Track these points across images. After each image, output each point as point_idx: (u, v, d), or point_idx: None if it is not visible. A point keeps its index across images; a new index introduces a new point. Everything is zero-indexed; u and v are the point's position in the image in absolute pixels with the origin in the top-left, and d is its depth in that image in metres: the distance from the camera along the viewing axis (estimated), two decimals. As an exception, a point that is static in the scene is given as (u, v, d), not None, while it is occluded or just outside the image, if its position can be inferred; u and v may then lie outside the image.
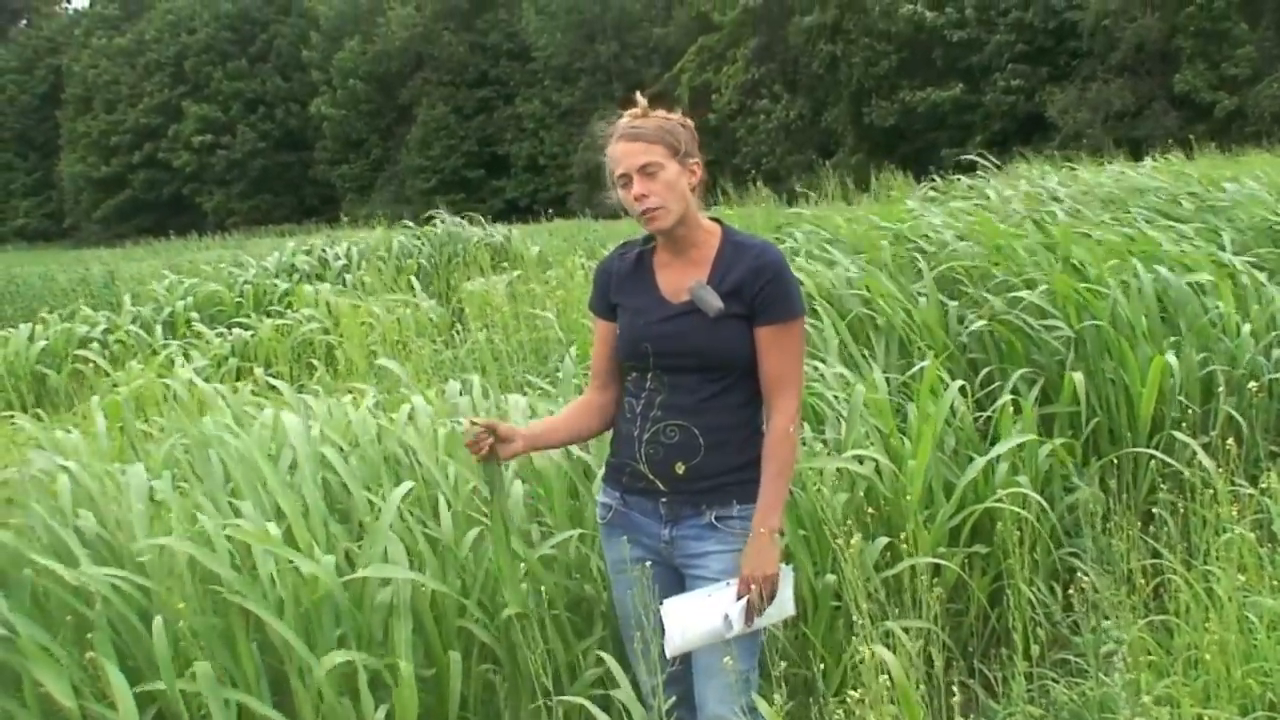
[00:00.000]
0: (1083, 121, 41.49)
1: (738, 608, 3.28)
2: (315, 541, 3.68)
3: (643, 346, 3.39)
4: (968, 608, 4.62)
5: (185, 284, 13.13)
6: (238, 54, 74.03)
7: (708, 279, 3.35)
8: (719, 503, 3.36)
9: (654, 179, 3.31)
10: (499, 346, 7.47)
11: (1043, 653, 4.02)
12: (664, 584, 3.40)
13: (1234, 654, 3.58)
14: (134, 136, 74.58)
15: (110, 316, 11.99)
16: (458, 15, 65.77)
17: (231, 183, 72.03)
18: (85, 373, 8.43)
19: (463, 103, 65.15)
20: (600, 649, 3.87)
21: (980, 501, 4.59)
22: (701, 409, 3.34)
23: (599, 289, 3.60)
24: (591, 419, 3.65)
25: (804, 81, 51.59)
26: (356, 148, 68.73)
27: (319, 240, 15.68)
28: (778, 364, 3.34)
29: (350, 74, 66.82)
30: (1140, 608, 3.99)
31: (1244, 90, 41.00)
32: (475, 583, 3.90)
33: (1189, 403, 5.59)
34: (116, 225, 70.99)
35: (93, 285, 20.45)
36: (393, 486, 3.94)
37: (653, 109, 3.42)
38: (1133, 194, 9.52)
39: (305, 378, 7.89)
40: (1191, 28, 41.44)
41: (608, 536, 3.58)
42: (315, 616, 3.51)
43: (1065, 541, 4.92)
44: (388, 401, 5.44)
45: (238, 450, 4.04)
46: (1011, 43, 45.79)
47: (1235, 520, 4.13)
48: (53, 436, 4.64)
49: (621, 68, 60.01)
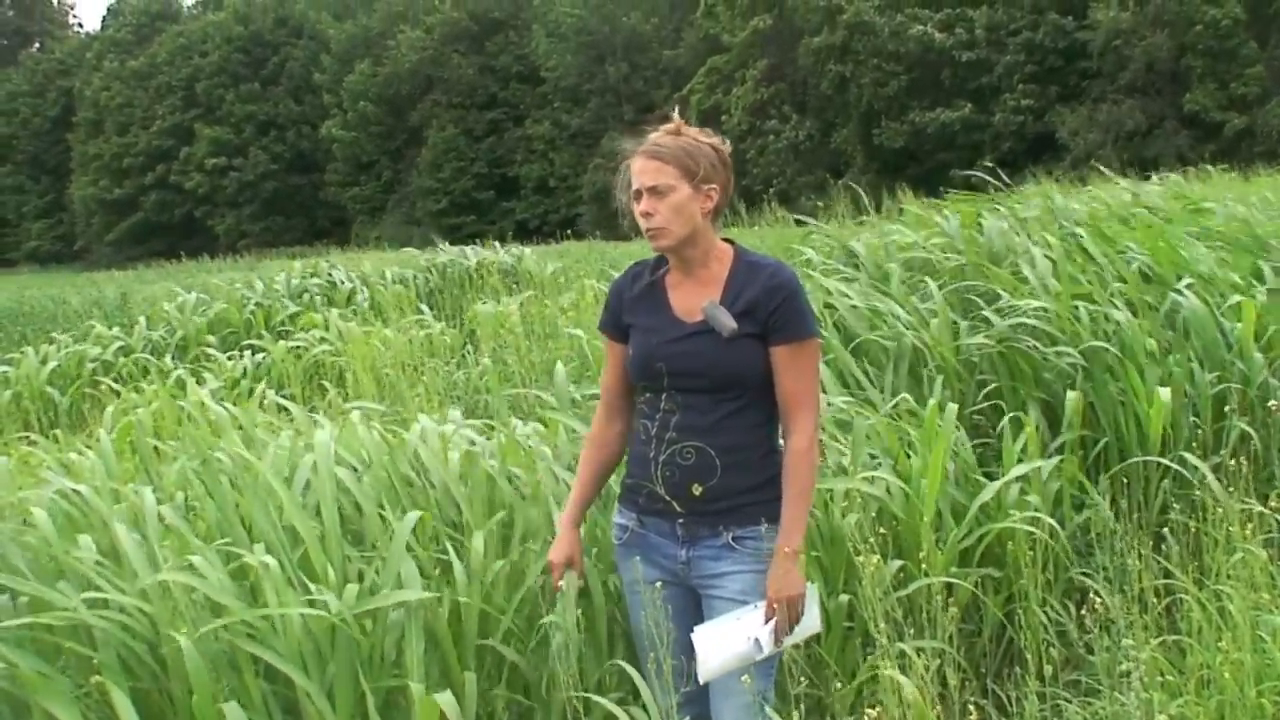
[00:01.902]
0: (1093, 142, 41.47)
1: (766, 630, 3.29)
2: (330, 564, 3.67)
3: (656, 366, 3.39)
4: (981, 628, 4.62)
5: (196, 301, 13.14)
6: (250, 77, 74.36)
7: (720, 299, 3.36)
8: (736, 523, 3.36)
9: (662, 200, 3.32)
10: (511, 368, 7.48)
11: (1055, 673, 4.01)
12: (680, 605, 3.42)
13: (1248, 673, 3.57)
14: (146, 159, 74.94)
15: (123, 337, 11.99)
16: (467, 38, 66.01)
17: (243, 205, 72.29)
18: (98, 395, 8.44)
19: (473, 125, 65.35)
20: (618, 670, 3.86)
21: (991, 522, 4.59)
22: (717, 429, 3.35)
23: (610, 310, 3.61)
24: (609, 456, 3.68)
25: (813, 102, 51.67)
26: (367, 170, 68.96)
27: (325, 264, 15.70)
28: (794, 383, 3.34)
29: (361, 96, 67.08)
30: (1152, 627, 3.98)
31: (1254, 109, 41.02)
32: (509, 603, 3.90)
33: (1200, 422, 5.59)
34: (128, 248, 71.30)
35: (105, 307, 20.47)
36: (406, 508, 3.95)
37: (686, 128, 3.42)
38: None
39: (318, 399, 7.90)
40: (1200, 46, 41.47)
41: (624, 557, 3.58)
42: (326, 641, 3.49)
43: (1078, 561, 4.92)
44: (398, 421, 5.44)
45: (251, 474, 4.03)
46: (1021, 63, 45.84)
47: (1247, 539, 4.12)
48: (63, 460, 4.65)
49: (631, 89, 60.16)
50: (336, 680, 3.44)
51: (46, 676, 3.25)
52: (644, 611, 3.35)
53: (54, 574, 3.62)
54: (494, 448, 4.57)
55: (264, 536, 3.72)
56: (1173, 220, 8.58)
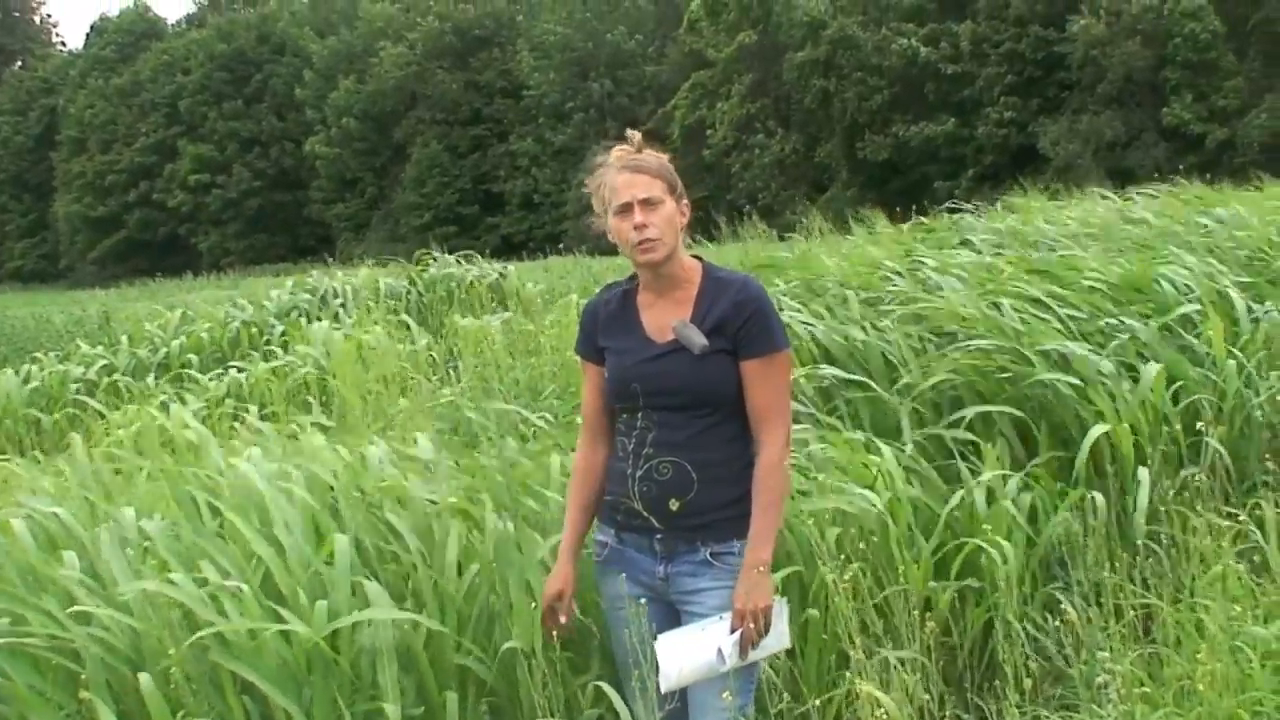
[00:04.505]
0: (1073, 153, 41.67)
1: (731, 641, 3.29)
2: (300, 588, 3.65)
3: (631, 387, 3.41)
4: (962, 641, 4.63)
5: (178, 319, 13.09)
6: (233, 94, 74.17)
7: (691, 316, 3.38)
8: (714, 538, 3.38)
9: (655, 212, 3.35)
10: (492, 385, 7.47)
11: (1036, 686, 4.02)
12: (660, 621, 3.41)
13: (1227, 684, 3.58)
14: (129, 176, 74.73)
15: (106, 356, 11.93)
16: (451, 53, 66.00)
17: (227, 222, 72.06)
18: (80, 415, 8.42)
19: (457, 141, 65.29)
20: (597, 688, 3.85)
21: (969, 536, 4.60)
22: (693, 444, 3.36)
23: (585, 333, 3.62)
24: (596, 484, 3.63)
25: (797, 117, 51.82)
26: (351, 186, 68.78)
27: (310, 279, 15.63)
28: (764, 397, 3.36)
29: (344, 113, 66.95)
30: (1130, 639, 3.99)
31: (1233, 121, 41.23)
32: (470, 620, 3.89)
33: (1175, 433, 5.60)
34: (112, 266, 71.07)
35: (88, 326, 20.39)
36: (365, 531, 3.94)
37: (646, 145, 3.46)
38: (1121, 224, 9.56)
39: (302, 416, 7.87)
40: (1179, 59, 41.69)
41: (603, 574, 3.59)
42: (301, 664, 3.49)
43: (1060, 574, 4.92)
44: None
45: (229, 496, 4.04)
46: (1002, 74, 46.04)
47: (1224, 551, 4.14)
48: (40, 481, 4.65)
49: (615, 105, 60.17)
50: (315, 702, 3.44)
51: (38, 691, 3.26)
52: (625, 629, 3.36)
53: (35, 590, 3.62)
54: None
55: (235, 560, 3.72)
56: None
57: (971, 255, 8.26)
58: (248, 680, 3.42)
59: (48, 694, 3.38)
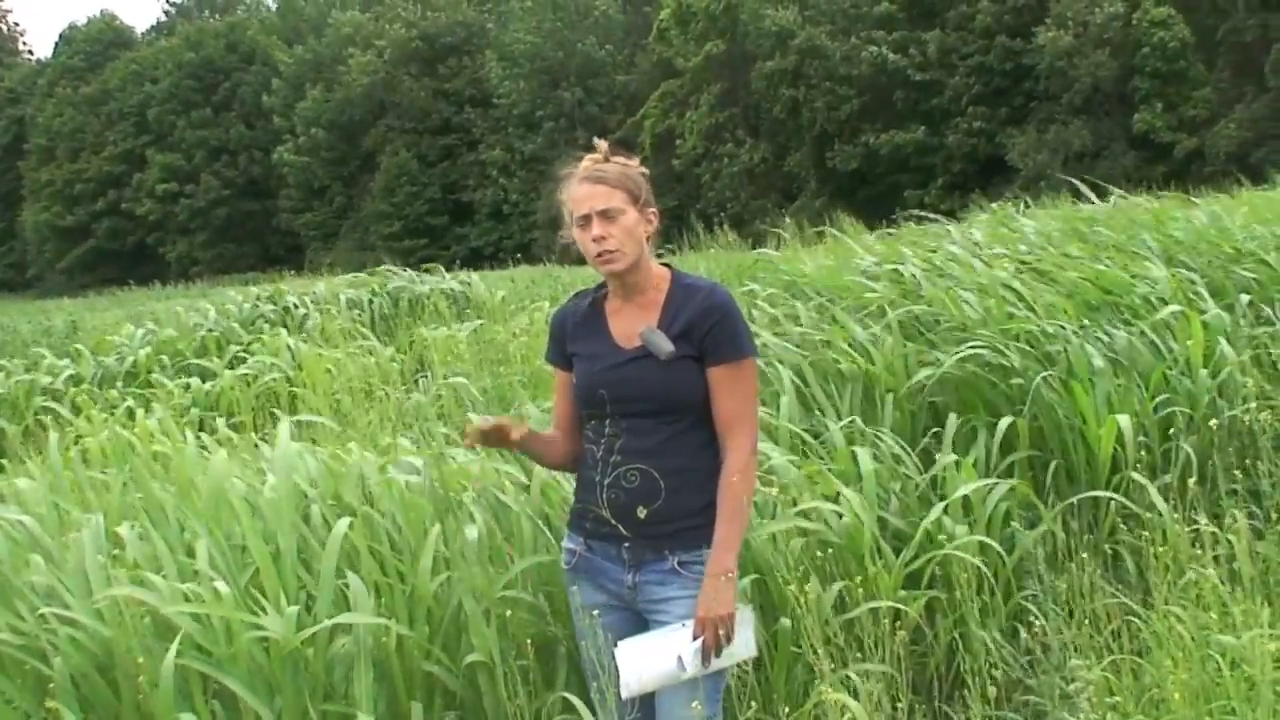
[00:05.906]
0: (1042, 163, 41.83)
1: (692, 649, 3.26)
2: (284, 592, 3.63)
3: (599, 394, 3.40)
4: (931, 651, 4.62)
5: (144, 330, 13.03)
6: (201, 103, 74.05)
7: (658, 323, 3.37)
8: (682, 547, 3.35)
9: (614, 223, 3.33)
10: (460, 394, 7.45)
11: (1005, 695, 4.01)
12: (628, 629, 3.39)
13: (1198, 692, 3.58)
14: (97, 185, 74.59)
15: (72, 366, 11.85)
16: (418, 60, 65.99)
17: (195, 231, 71.90)
18: (46, 424, 8.34)
19: (426, 150, 65.28)
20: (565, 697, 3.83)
21: (937, 547, 4.59)
22: (661, 451, 3.35)
23: (554, 340, 3.62)
24: (569, 457, 3.63)
25: (766, 126, 52.04)
26: (320, 195, 68.71)
27: (273, 290, 15.58)
28: (730, 404, 3.35)
29: (313, 122, 66.88)
30: (1102, 648, 3.99)
31: (1203, 131, 41.50)
32: (440, 627, 3.87)
33: (1149, 441, 5.60)
34: (80, 275, 70.91)
35: (55, 335, 20.28)
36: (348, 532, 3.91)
37: (613, 154, 3.44)
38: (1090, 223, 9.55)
39: (269, 426, 7.84)
40: (1148, 68, 41.97)
41: (572, 583, 3.56)
42: (274, 668, 3.46)
43: (1028, 583, 4.92)
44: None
45: (198, 500, 4.01)
46: (970, 84, 46.28)
47: (1196, 559, 4.14)
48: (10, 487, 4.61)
49: (585, 114, 60.27)
50: (285, 707, 3.41)
51: (6, 699, 3.24)
52: (588, 638, 3.34)
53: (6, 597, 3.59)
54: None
55: (212, 561, 3.70)
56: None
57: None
58: (216, 686, 3.40)
59: (15, 702, 3.35)
